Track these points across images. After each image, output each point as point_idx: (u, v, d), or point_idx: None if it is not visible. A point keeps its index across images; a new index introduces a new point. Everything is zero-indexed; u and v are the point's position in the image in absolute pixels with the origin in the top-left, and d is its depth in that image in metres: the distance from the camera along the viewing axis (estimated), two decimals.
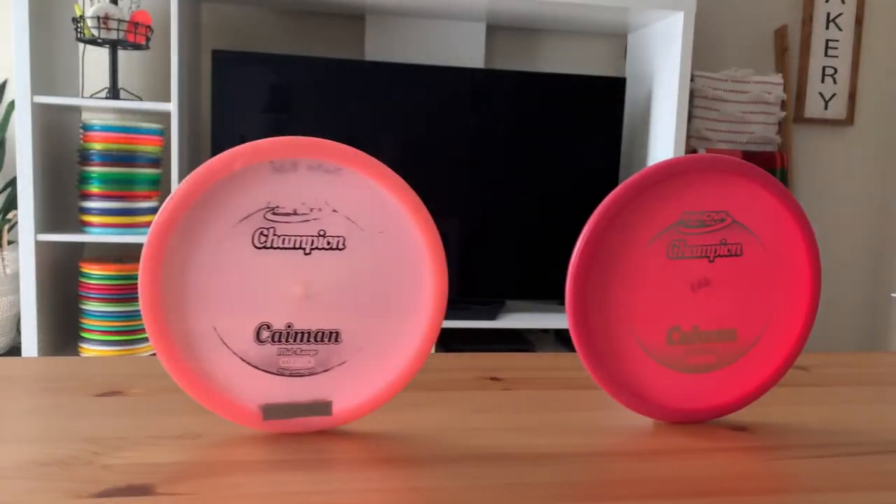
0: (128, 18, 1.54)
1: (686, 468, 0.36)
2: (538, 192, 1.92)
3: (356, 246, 0.36)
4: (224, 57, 1.70)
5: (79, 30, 1.54)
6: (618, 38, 2.19)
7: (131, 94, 1.69)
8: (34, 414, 0.39)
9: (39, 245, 1.58)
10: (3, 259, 1.66)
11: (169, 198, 0.34)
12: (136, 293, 1.58)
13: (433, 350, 1.85)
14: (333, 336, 0.37)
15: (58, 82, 1.67)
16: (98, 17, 1.50)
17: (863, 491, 0.34)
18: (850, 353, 0.62)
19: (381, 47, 1.96)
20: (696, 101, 2.17)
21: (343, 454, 0.36)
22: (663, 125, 1.90)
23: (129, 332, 1.65)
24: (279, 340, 0.36)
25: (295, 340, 0.36)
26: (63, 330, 1.75)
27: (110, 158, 1.59)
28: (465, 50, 2.01)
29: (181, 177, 1.62)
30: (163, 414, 0.40)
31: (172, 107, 1.58)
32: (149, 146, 1.66)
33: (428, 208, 0.37)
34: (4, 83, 1.81)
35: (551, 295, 1.95)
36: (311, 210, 0.36)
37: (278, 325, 0.36)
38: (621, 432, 0.41)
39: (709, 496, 0.33)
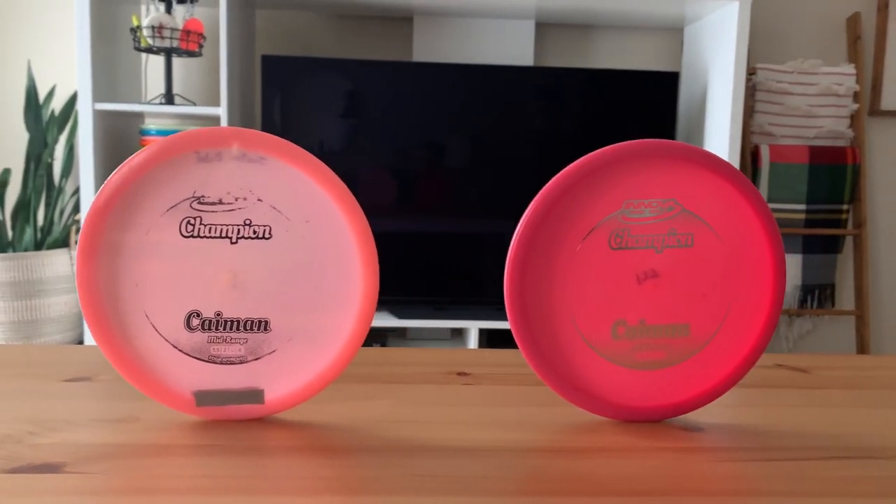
0: (180, 27, 1.60)
1: (621, 466, 0.34)
2: None
3: (282, 235, 0.37)
4: (273, 61, 1.75)
5: (136, 39, 1.62)
6: (675, 32, 2.13)
7: (185, 99, 1.76)
8: None
9: None
10: (72, 258, 1.77)
11: (102, 187, 0.36)
12: None
13: (481, 343, 1.82)
14: (262, 325, 0.37)
15: (121, 90, 1.76)
16: (153, 27, 1.57)
17: (811, 496, 0.32)
18: (864, 356, 0.58)
19: (429, 48, 1.97)
20: (758, 95, 2.08)
21: (270, 441, 0.36)
22: (719, 120, 1.82)
23: None
24: (209, 328, 0.37)
25: (224, 329, 0.37)
26: None
27: None
28: (514, 48, 1.99)
29: None
30: (114, 399, 0.41)
31: (222, 111, 1.63)
32: None
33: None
34: (75, 94, 1.92)
35: None
36: (237, 199, 0.36)
37: (207, 313, 0.37)
38: (565, 429, 0.39)
39: (637, 495, 0.31)
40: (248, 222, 0.36)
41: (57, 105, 1.92)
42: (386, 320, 1.77)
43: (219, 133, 0.36)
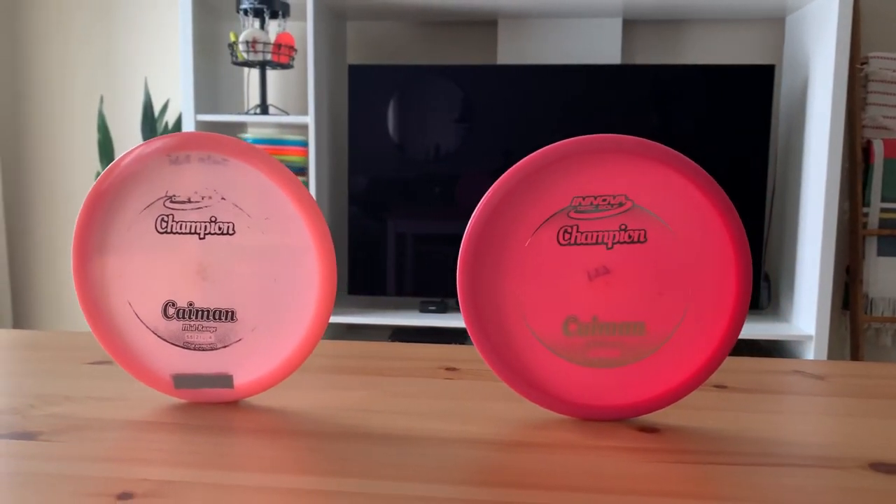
0: (273, 41, 1.70)
1: (559, 462, 0.34)
2: None
3: (244, 231, 0.39)
4: (360, 70, 1.82)
5: (233, 54, 1.73)
6: (774, 23, 2.01)
7: (279, 109, 1.86)
8: (22, 374, 0.47)
9: None
10: None
11: (91, 189, 0.40)
12: None
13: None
14: (229, 315, 0.40)
15: (223, 102, 1.89)
16: (247, 42, 1.68)
17: (752, 503, 0.31)
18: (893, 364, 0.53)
19: (514, 50, 1.98)
20: (871, 86, 1.92)
21: (235, 422, 0.39)
22: (820, 114, 1.70)
23: None
24: (183, 317, 0.40)
25: (196, 318, 0.40)
26: None
27: None
28: (601, 47, 1.95)
29: (318, 184, 1.75)
30: (115, 380, 0.46)
31: (310, 119, 1.72)
32: (294, 156, 1.83)
33: None
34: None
35: None
36: (203, 198, 0.39)
37: (181, 303, 0.40)
38: (519, 425, 0.39)
39: (566, 491, 0.32)
40: (213, 219, 0.39)
41: (170, 118, 2.09)
42: (459, 321, 1.79)
43: (186, 137, 0.39)
